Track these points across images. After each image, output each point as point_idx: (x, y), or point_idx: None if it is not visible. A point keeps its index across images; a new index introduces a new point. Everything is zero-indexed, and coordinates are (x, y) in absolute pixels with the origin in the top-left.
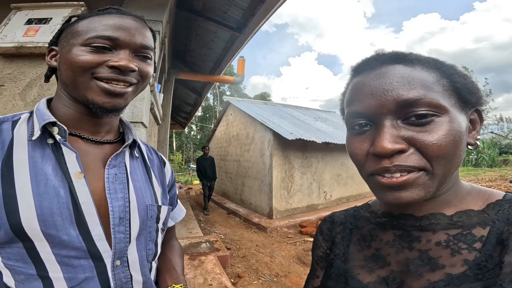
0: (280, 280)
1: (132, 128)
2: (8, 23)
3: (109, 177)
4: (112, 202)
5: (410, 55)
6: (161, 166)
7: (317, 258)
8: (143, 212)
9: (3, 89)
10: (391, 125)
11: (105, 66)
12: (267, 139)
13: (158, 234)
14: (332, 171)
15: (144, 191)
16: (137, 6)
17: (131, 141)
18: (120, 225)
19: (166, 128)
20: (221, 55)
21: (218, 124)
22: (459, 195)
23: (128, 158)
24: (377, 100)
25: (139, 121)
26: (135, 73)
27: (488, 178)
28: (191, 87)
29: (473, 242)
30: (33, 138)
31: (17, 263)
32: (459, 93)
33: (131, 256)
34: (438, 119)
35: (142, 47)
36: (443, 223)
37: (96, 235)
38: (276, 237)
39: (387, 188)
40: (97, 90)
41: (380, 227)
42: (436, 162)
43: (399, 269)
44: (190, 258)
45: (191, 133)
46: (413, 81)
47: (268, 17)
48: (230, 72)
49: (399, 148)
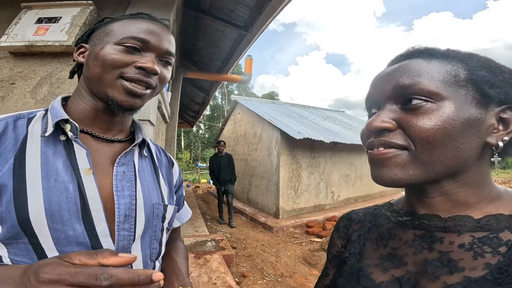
0: (285, 280)
1: (142, 128)
2: (19, 22)
3: (118, 175)
4: (119, 199)
5: (429, 49)
6: (169, 167)
7: (330, 256)
8: (149, 210)
9: (14, 87)
10: (388, 109)
11: (133, 66)
12: (275, 138)
13: (163, 233)
14: (341, 171)
15: (151, 189)
16: (145, 4)
17: (141, 140)
18: (125, 223)
19: (174, 127)
20: (228, 54)
21: (226, 123)
22: (489, 198)
23: (137, 157)
24: (381, 87)
25: (146, 119)
26: (156, 76)
27: (501, 180)
28: (199, 86)
29: (499, 246)
30: (46, 135)
31: (23, 258)
32: (476, 85)
33: (134, 254)
34: (429, 105)
35: (166, 53)
36: (470, 225)
37: (100, 231)
38: (282, 237)
39: (372, 162)
40: (120, 88)
41: (400, 226)
42: (420, 144)
43: (415, 270)
44: (195, 257)
45: (199, 132)
46: (414, 70)
47: (275, 15)
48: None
49: (384, 127)
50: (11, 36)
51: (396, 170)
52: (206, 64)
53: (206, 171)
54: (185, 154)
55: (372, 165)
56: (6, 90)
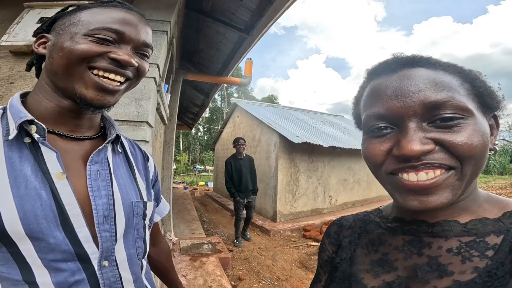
0: (281, 284)
1: (114, 122)
2: (21, 22)
3: (91, 174)
4: (95, 200)
5: (431, 59)
6: (144, 161)
7: (322, 262)
8: (128, 209)
9: (13, 86)
10: (416, 127)
11: (106, 57)
12: (273, 142)
13: (145, 231)
14: (339, 175)
15: (128, 187)
16: (146, 6)
17: (114, 136)
18: (105, 224)
19: (173, 129)
20: (229, 57)
21: (225, 126)
22: (476, 202)
23: (110, 154)
24: (402, 101)
25: (145, 121)
26: (133, 68)
27: (499, 186)
28: (198, 88)
29: (486, 250)
30: (9, 138)
31: (1, 268)
32: (481, 97)
33: (119, 255)
34: (464, 122)
35: (144, 45)
36: (456, 230)
37: (83, 237)
38: (279, 240)
39: (411, 191)
40: (89, 83)
41: (390, 232)
42: (467, 161)
43: (406, 274)
44: (191, 259)
45: (198, 134)
46: (440, 83)
47: (276, 19)
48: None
49: (428, 149)
50: (12, 35)
51: (446, 194)
52: (206, 66)
53: (204, 174)
54: (183, 156)
55: (409, 193)
56: (5, 89)
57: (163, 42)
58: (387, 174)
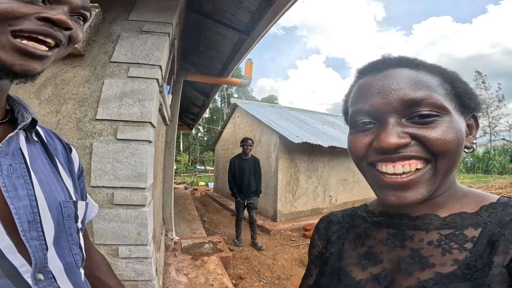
0: (281, 282)
1: (27, 105)
2: None
3: (3, 170)
4: (14, 203)
5: (415, 60)
6: (66, 153)
7: (312, 257)
8: (57, 211)
9: (18, 87)
10: (395, 123)
11: (34, 17)
12: (273, 142)
13: (79, 235)
14: (338, 175)
15: (52, 185)
16: (148, 8)
17: (30, 121)
18: (30, 231)
19: (174, 129)
20: (229, 57)
21: (225, 126)
22: (455, 197)
23: (24, 144)
24: (384, 98)
25: (148, 121)
26: (67, 32)
27: (498, 185)
28: (199, 89)
29: (464, 242)
30: None
31: None
32: (460, 97)
33: (53, 265)
34: (440, 119)
35: (82, 7)
36: (436, 223)
37: (4, 248)
38: (280, 240)
39: (389, 187)
40: (10, 47)
41: (375, 226)
42: (440, 156)
43: (391, 267)
44: (192, 258)
45: (198, 134)
46: (419, 82)
47: (276, 20)
48: (238, 74)
49: (404, 143)
50: None
51: (422, 190)
52: (207, 67)
53: (205, 174)
54: (184, 156)
55: (388, 188)
56: (11, 90)
57: (165, 43)
58: (368, 166)
